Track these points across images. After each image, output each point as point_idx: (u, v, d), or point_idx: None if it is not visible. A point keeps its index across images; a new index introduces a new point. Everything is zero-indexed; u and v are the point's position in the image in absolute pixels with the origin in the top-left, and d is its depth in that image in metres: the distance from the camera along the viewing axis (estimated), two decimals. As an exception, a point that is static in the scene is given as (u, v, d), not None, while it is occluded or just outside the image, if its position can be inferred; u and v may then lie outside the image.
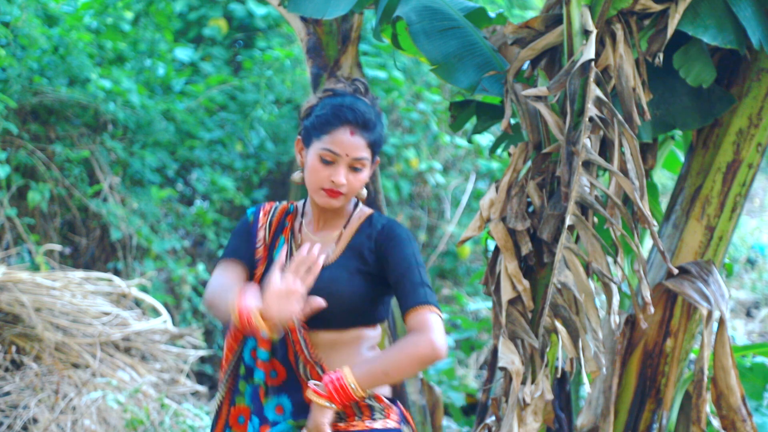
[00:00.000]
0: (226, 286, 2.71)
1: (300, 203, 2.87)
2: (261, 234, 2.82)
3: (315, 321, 2.69)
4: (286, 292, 2.55)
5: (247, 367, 2.75)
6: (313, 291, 2.64)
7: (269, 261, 2.78)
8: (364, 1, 3.95)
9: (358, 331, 2.73)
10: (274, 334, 2.59)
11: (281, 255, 2.64)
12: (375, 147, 2.74)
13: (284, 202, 2.89)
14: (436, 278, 8.55)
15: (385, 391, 2.75)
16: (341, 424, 2.68)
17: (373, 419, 2.69)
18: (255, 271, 2.79)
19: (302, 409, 2.69)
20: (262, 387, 2.72)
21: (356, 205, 2.82)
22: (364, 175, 2.72)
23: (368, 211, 2.80)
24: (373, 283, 2.71)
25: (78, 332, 5.30)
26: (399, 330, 4.59)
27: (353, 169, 2.70)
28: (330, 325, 2.70)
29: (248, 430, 2.73)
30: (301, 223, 2.82)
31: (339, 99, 2.74)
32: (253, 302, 2.57)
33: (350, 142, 2.69)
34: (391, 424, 2.71)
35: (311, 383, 2.63)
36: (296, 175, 2.79)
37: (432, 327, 2.59)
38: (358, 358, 2.71)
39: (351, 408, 2.67)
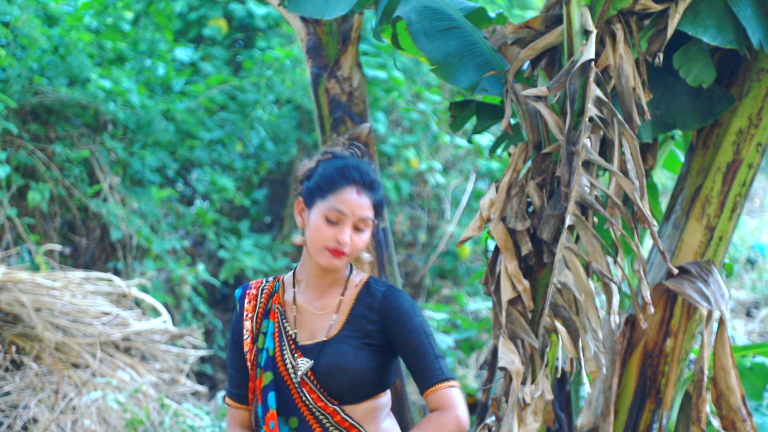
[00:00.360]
0: None
1: (286, 276, 2.84)
2: (247, 324, 2.80)
3: (327, 399, 2.69)
4: None
5: None
6: (320, 366, 2.67)
7: (256, 350, 2.77)
8: (364, 1, 3.95)
9: (372, 402, 2.73)
10: None
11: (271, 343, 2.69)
12: (378, 207, 2.74)
13: (270, 280, 2.85)
14: (436, 278, 8.56)
15: None
16: None
17: None
18: (246, 361, 2.79)
19: None
20: None
21: (351, 270, 2.80)
22: (367, 235, 2.72)
23: (364, 276, 2.79)
24: (378, 353, 2.71)
25: (78, 332, 5.30)
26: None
27: (357, 229, 2.70)
28: (343, 400, 2.70)
29: None
30: (294, 294, 2.80)
31: (342, 160, 2.75)
32: None
33: (357, 202, 2.68)
34: None
35: None
36: (297, 238, 2.78)
37: (456, 404, 2.65)
38: (377, 430, 2.73)
39: None
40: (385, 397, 2.77)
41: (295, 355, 2.71)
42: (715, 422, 3.95)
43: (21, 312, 5.13)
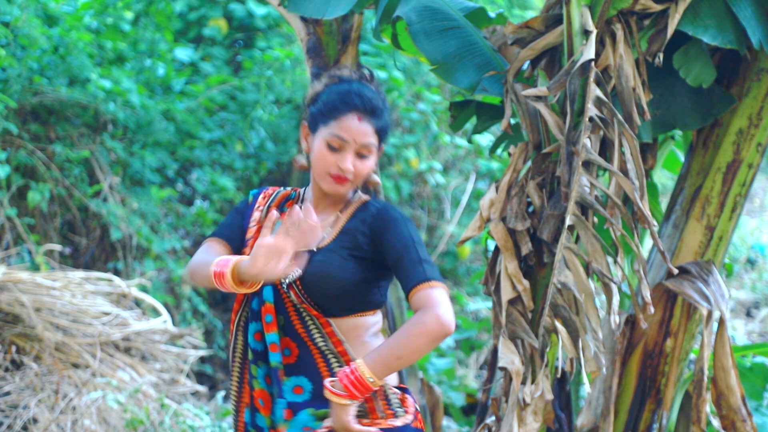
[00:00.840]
0: (208, 257, 2.71)
1: (302, 190, 2.87)
2: (256, 215, 2.82)
3: (312, 306, 2.69)
4: (275, 249, 2.52)
5: (255, 351, 2.74)
6: (306, 273, 2.66)
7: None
8: (364, 1, 3.95)
9: (357, 318, 2.72)
10: (250, 290, 2.61)
11: (278, 230, 2.62)
12: (382, 134, 2.74)
13: (287, 188, 2.89)
14: (436, 278, 8.54)
15: (392, 380, 2.75)
16: (365, 420, 2.67)
17: (396, 416, 2.70)
18: (243, 251, 2.77)
19: (321, 391, 2.67)
20: (280, 369, 2.71)
21: (355, 192, 2.81)
22: (371, 161, 2.72)
23: (366, 197, 2.80)
24: (366, 267, 2.69)
25: (78, 332, 5.30)
26: (398, 324, 4.59)
27: (360, 155, 2.70)
28: (327, 311, 2.70)
29: (274, 412, 2.72)
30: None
31: (346, 85, 2.74)
32: (231, 261, 2.59)
33: (358, 128, 2.69)
34: (409, 418, 2.72)
35: (327, 381, 2.62)
36: (301, 159, 2.80)
37: (437, 302, 2.56)
38: (362, 347, 2.70)
39: (371, 401, 2.67)
40: (374, 317, 2.74)
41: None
42: (715, 422, 3.95)
43: (21, 312, 5.13)
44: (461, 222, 8.43)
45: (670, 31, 3.47)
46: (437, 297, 2.57)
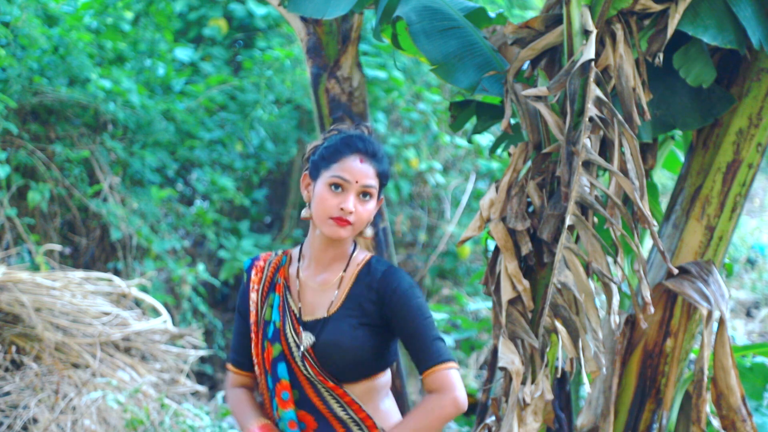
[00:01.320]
0: (240, 407, 2.87)
1: (294, 251, 2.87)
2: (253, 296, 2.84)
3: (327, 378, 2.72)
4: None
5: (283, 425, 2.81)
6: (318, 344, 2.70)
7: (263, 322, 2.80)
8: (364, 1, 3.95)
9: (370, 382, 2.75)
10: None
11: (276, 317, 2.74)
12: (382, 178, 2.76)
13: (279, 253, 2.88)
14: (436, 278, 8.56)
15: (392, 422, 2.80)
16: None
17: None
18: (251, 332, 2.84)
19: None
20: None
21: (354, 247, 2.81)
22: (372, 205, 2.73)
23: (367, 255, 2.80)
24: (376, 334, 2.72)
25: (78, 332, 5.30)
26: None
27: (362, 197, 2.71)
28: (340, 378, 2.73)
29: None
30: (297, 269, 2.82)
31: (346, 132, 2.78)
32: None
33: (360, 169, 2.71)
34: None
35: None
36: (304, 212, 2.79)
37: (453, 385, 2.66)
38: (377, 411, 2.76)
39: None
40: (384, 378, 2.79)
41: (296, 330, 2.73)
42: (715, 422, 3.95)
43: (21, 312, 5.12)
44: (461, 222, 8.43)
45: (670, 31, 3.47)
46: (453, 380, 2.67)
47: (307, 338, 2.71)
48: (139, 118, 6.81)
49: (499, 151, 4.44)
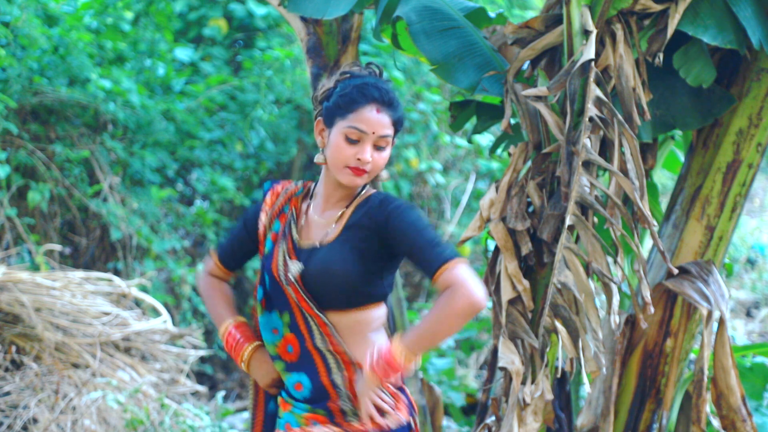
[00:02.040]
0: (215, 300, 2.97)
1: (312, 185, 2.90)
2: (263, 217, 2.87)
3: (316, 302, 2.72)
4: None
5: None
6: (308, 270, 2.70)
7: (267, 244, 2.84)
8: (364, 1, 3.95)
9: (360, 313, 2.73)
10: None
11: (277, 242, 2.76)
12: (398, 125, 2.76)
13: (299, 183, 2.91)
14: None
15: (394, 379, 2.76)
16: (355, 424, 2.70)
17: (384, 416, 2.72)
18: (248, 243, 2.91)
19: (320, 391, 2.72)
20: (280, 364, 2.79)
21: (364, 186, 2.82)
22: (387, 153, 2.74)
23: (371, 190, 2.81)
24: (370, 259, 2.70)
25: (78, 332, 5.30)
26: (398, 325, 4.59)
27: (377, 147, 2.72)
28: (327, 305, 2.72)
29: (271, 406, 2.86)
30: (309, 205, 2.85)
31: (360, 79, 2.76)
32: (242, 341, 2.85)
33: (377, 120, 2.70)
34: (403, 418, 2.73)
35: (367, 357, 2.66)
36: (319, 157, 2.80)
37: (461, 280, 2.58)
38: (364, 344, 2.72)
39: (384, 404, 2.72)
40: (377, 312, 2.76)
41: (290, 257, 2.74)
42: (715, 422, 3.95)
43: (21, 312, 5.12)
44: (461, 222, 8.43)
45: (670, 31, 3.47)
46: (461, 274, 2.59)
47: (295, 266, 2.72)
48: (139, 118, 6.81)
49: (499, 151, 4.44)
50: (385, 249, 2.70)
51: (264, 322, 2.79)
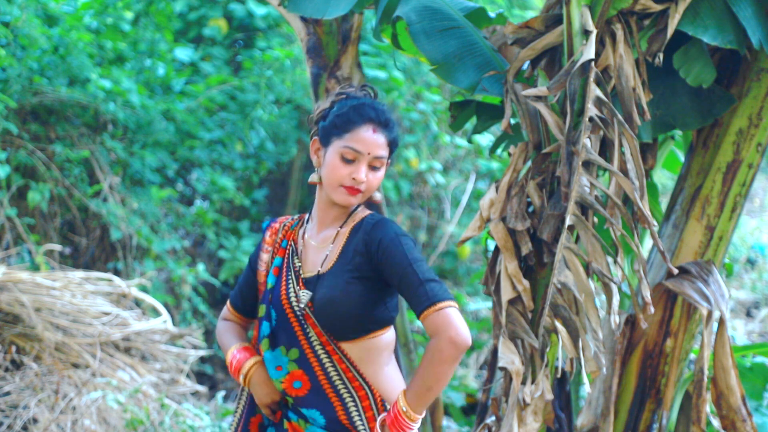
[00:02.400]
0: (226, 333, 2.97)
1: (307, 214, 2.91)
2: (264, 257, 2.89)
3: (323, 333, 2.73)
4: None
5: None
6: (316, 299, 2.71)
7: (270, 280, 2.85)
8: (364, 1, 3.95)
9: (370, 341, 2.73)
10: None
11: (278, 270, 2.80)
12: (393, 146, 2.77)
13: (294, 217, 2.93)
14: (436, 278, 8.54)
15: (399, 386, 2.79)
16: None
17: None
18: (256, 283, 2.93)
19: (334, 424, 2.72)
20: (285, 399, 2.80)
21: (358, 206, 2.83)
22: (381, 173, 2.76)
23: (366, 212, 2.81)
24: (370, 287, 2.71)
25: (78, 332, 5.30)
26: (399, 332, 4.59)
27: (372, 167, 2.73)
28: (338, 336, 2.73)
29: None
30: (304, 230, 2.86)
31: (357, 100, 2.77)
32: (243, 358, 2.85)
33: (372, 140, 2.72)
34: None
35: (379, 421, 2.68)
36: (313, 176, 2.82)
37: (447, 325, 2.58)
38: (378, 372, 2.74)
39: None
40: (385, 337, 2.76)
41: (298, 287, 2.76)
42: (715, 422, 3.95)
43: (21, 312, 5.13)
44: (461, 222, 8.43)
45: (670, 31, 3.48)
46: (446, 319, 2.59)
47: (304, 296, 2.74)
48: (139, 118, 6.81)
49: (499, 151, 4.44)
50: (381, 276, 2.71)
51: (269, 358, 2.79)
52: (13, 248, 6.09)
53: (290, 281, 2.77)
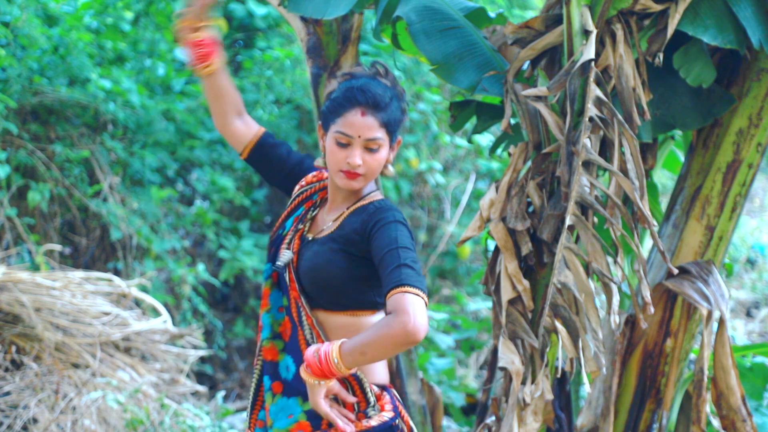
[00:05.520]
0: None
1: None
2: (297, 187, 2.95)
3: (306, 298, 2.75)
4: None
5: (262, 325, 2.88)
6: (299, 262, 2.76)
7: (287, 224, 2.89)
8: (364, 1, 3.95)
9: (349, 317, 2.73)
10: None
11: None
12: (389, 127, 2.74)
13: (323, 183, 2.95)
14: (436, 278, 8.55)
15: (378, 378, 2.76)
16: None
17: (368, 417, 2.69)
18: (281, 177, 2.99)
19: (299, 379, 2.73)
20: (265, 347, 2.81)
21: (371, 190, 2.84)
22: (382, 154, 2.74)
23: (378, 196, 2.81)
24: (358, 264, 2.70)
25: (78, 332, 5.30)
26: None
27: (369, 149, 2.72)
28: (316, 302, 2.74)
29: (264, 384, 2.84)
30: (327, 205, 2.90)
31: (352, 82, 2.76)
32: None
33: (362, 123, 2.70)
34: (386, 416, 2.71)
35: (305, 360, 2.65)
36: (319, 160, 2.85)
37: (406, 309, 2.50)
38: None
39: (345, 393, 2.70)
40: (368, 319, 2.74)
41: (290, 247, 2.80)
42: (715, 422, 3.95)
43: (21, 312, 5.13)
44: (461, 222, 8.43)
45: (670, 31, 3.48)
46: (408, 303, 2.51)
47: (285, 255, 2.78)
48: (139, 118, 6.81)
49: (499, 151, 4.44)
50: (369, 256, 2.70)
51: (274, 299, 2.82)
52: (13, 248, 6.09)
53: (289, 237, 2.83)
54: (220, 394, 5.98)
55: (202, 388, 5.90)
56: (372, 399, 2.71)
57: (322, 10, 3.84)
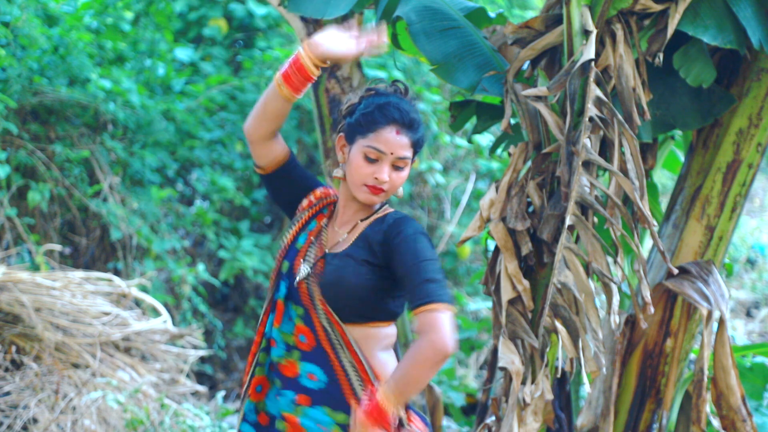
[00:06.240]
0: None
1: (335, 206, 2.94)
2: (305, 201, 2.92)
3: (329, 308, 2.73)
4: (343, 36, 2.72)
5: (268, 339, 2.82)
6: (323, 277, 2.73)
7: (301, 239, 2.86)
8: (364, 1, 3.95)
9: (370, 329, 2.74)
10: (317, 71, 2.76)
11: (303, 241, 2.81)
12: (417, 146, 2.78)
13: (333, 198, 2.94)
14: (436, 278, 8.54)
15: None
16: None
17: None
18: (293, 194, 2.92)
19: (335, 384, 2.71)
20: (281, 363, 2.78)
21: (383, 204, 2.85)
22: (405, 173, 2.77)
23: (390, 209, 2.83)
24: (381, 275, 2.71)
25: (78, 332, 5.30)
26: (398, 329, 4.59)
27: (396, 167, 2.74)
28: (341, 316, 2.73)
29: (274, 400, 2.80)
30: (333, 214, 2.89)
31: (384, 98, 2.78)
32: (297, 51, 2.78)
33: (396, 141, 2.72)
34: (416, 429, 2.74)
35: (360, 405, 2.64)
36: (337, 172, 2.83)
37: (433, 326, 2.57)
38: (372, 360, 2.74)
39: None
40: (387, 330, 2.77)
41: (311, 258, 2.78)
42: (715, 422, 3.95)
43: (21, 312, 5.12)
44: (461, 222, 8.43)
45: (670, 31, 3.48)
46: (435, 321, 2.57)
47: (305, 269, 2.77)
48: (139, 118, 6.81)
49: (499, 151, 4.44)
50: (391, 267, 2.71)
51: (285, 310, 2.82)
52: (13, 248, 6.09)
53: (312, 250, 2.80)
54: (220, 394, 5.98)
55: (202, 388, 5.90)
56: (404, 418, 2.71)
57: (322, 10, 3.84)
